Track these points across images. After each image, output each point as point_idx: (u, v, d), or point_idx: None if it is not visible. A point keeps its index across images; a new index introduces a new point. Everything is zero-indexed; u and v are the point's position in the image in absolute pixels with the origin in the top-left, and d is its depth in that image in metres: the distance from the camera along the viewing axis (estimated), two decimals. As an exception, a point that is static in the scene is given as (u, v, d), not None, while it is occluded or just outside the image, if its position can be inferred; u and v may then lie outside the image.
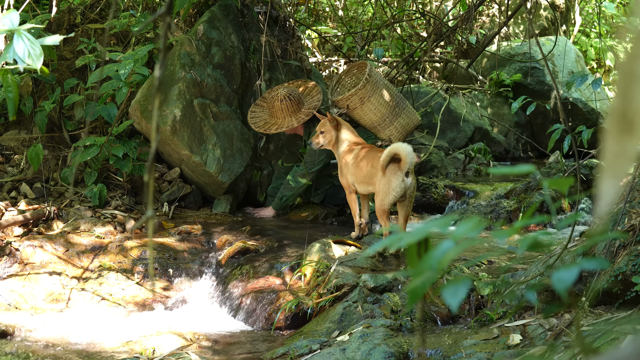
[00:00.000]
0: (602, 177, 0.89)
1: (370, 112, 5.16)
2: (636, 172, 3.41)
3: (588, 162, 5.70)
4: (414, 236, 1.08)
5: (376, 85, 5.16)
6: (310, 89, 5.46)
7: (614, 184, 0.87)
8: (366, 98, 5.11)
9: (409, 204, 4.39)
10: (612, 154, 0.87)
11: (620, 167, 0.87)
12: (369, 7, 9.52)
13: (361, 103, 5.12)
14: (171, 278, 4.66)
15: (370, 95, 5.12)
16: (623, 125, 0.87)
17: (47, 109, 5.40)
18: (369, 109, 5.15)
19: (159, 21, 5.80)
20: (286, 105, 5.25)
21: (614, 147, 0.87)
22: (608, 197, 0.88)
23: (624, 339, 2.58)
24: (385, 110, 5.18)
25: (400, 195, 4.29)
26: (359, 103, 5.12)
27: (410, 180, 4.29)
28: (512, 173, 1.65)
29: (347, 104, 5.13)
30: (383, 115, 5.18)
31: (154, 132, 1.25)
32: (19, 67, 2.52)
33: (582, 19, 10.99)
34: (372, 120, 5.19)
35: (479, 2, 6.81)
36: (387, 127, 5.22)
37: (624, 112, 0.86)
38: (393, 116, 5.22)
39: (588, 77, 4.19)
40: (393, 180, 4.25)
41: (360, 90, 5.09)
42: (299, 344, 3.47)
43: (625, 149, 0.86)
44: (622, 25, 11.01)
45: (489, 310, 3.61)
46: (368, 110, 5.15)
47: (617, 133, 0.87)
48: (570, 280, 1.07)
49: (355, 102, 5.12)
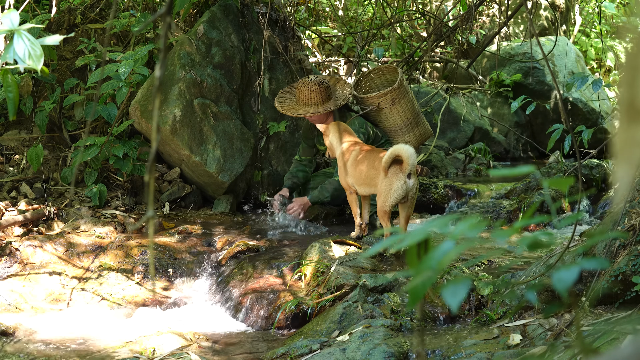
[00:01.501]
0: (615, 164, 0.92)
1: (397, 115, 5.17)
2: (636, 172, 3.41)
3: (588, 162, 5.70)
4: (414, 237, 1.08)
5: (406, 90, 5.21)
6: (342, 84, 5.37)
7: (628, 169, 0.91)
8: (397, 100, 5.13)
9: (411, 205, 4.39)
10: (622, 142, 0.90)
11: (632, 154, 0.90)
12: (369, 7, 9.52)
13: (392, 104, 5.13)
14: (171, 278, 4.66)
15: (401, 98, 5.15)
16: (632, 115, 0.90)
17: (47, 109, 5.40)
18: (397, 111, 5.16)
19: (159, 21, 5.80)
20: (316, 91, 5.07)
21: (624, 135, 0.90)
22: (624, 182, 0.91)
23: (624, 339, 2.58)
24: (410, 115, 5.20)
25: (402, 197, 4.29)
26: (389, 103, 5.13)
27: (412, 182, 4.28)
28: (512, 175, 1.64)
29: (378, 102, 5.13)
30: (407, 120, 5.19)
31: (155, 132, 1.25)
32: (19, 67, 2.52)
33: (582, 19, 10.99)
34: (397, 123, 5.19)
35: (479, 2, 6.81)
36: (407, 133, 5.22)
37: (631, 102, 0.89)
38: (415, 123, 5.24)
39: (588, 78, 4.19)
40: (395, 182, 4.25)
41: (395, 91, 5.11)
42: (299, 344, 3.47)
43: (635, 136, 0.89)
44: (622, 25, 11.01)
45: (489, 310, 3.61)
46: (396, 112, 5.16)
47: (627, 122, 0.90)
48: (571, 280, 1.07)
49: (387, 101, 5.13)
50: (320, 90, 5.06)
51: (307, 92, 5.07)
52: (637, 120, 0.89)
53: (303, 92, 5.09)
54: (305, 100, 5.09)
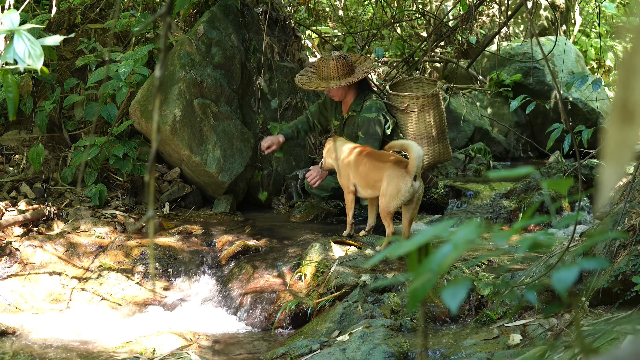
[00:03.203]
0: (604, 164, 0.92)
1: (422, 123, 5.16)
2: (636, 172, 3.41)
3: (588, 162, 5.70)
4: (414, 243, 1.08)
5: (439, 104, 5.21)
6: (363, 59, 5.36)
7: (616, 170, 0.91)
8: (427, 108, 5.13)
9: (416, 207, 4.40)
10: (614, 143, 0.91)
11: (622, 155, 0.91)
12: (369, 7, 9.52)
13: (420, 110, 5.12)
14: (171, 278, 4.66)
15: (431, 108, 5.15)
16: (624, 116, 0.91)
17: (47, 109, 5.40)
18: (424, 119, 5.15)
19: (159, 21, 5.80)
20: (340, 65, 5.05)
21: (616, 136, 0.91)
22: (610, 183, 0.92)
23: (624, 339, 2.58)
24: (434, 130, 5.20)
25: (408, 200, 4.29)
26: (418, 108, 5.13)
27: (418, 184, 4.29)
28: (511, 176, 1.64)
29: (408, 103, 5.13)
30: (430, 133, 5.18)
31: (155, 132, 1.25)
32: (19, 67, 2.52)
33: (582, 19, 10.99)
34: (420, 132, 5.17)
35: (479, 2, 6.81)
36: (426, 145, 5.19)
37: (625, 103, 0.90)
38: (438, 140, 5.23)
39: (588, 78, 4.19)
40: (402, 185, 4.26)
41: (428, 98, 5.12)
42: (299, 344, 3.47)
43: (627, 137, 0.90)
44: (622, 25, 11.01)
45: (489, 310, 3.61)
46: (421, 120, 5.15)
47: (619, 123, 0.91)
48: (571, 280, 1.07)
49: (417, 106, 5.13)
50: (343, 64, 5.07)
51: (328, 66, 5.07)
52: (629, 122, 0.90)
53: (324, 66, 5.09)
54: (327, 74, 5.09)
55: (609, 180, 0.92)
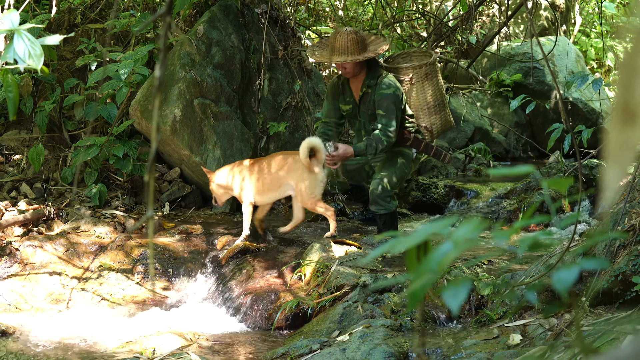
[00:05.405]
0: (606, 165, 0.92)
1: (428, 92, 5.19)
2: (636, 172, 3.41)
3: (588, 162, 5.70)
4: (413, 240, 1.07)
5: (437, 72, 5.28)
6: (375, 38, 5.25)
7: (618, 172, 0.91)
8: (430, 76, 5.18)
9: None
10: (615, 144, 0.91)
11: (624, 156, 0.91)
12: (369, 7, 9.52)
13: (424, 79, 5.17)
14: (171, 278, 4.66)
15: (433, 76, 5.20)
16: (626, 117, 0.91)
17: (47, 109, 5.40)
18: (428, 87, 5.19)
19: (159, 21, 5.80)
20: (354, 40, 4.90)
21: (617, 137, 0.91)
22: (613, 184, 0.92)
23: (624, 339, 2.58)
24: (439, 96, 5.25)
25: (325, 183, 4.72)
26: (422, 78, 5.17)
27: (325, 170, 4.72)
28: (511, 174, 1.65)
29: (412, 74, 5.16)
30: (436, 100, 5.23)
31: (155, 132, 1.25)
32: (19, 67, 2.52)
33: (582, 19, 10.99)
34: (427, 101, 5.20)
35: (479, 2, 6.81)
36: (434, 114, 5.24)
37: (626, 104, 0.90)
38: (442, 107, 5.28)
39: (588, 78, 4.19)
40: (319, 172, 4.65)
41: (430, 65, 5.17)
42: (299, 344, 3.47)
43: (628, 138, 0.91)
44: (622, 25, 11.01)
45: (489, 310, 3.61)
46: (427, 88, 5.19)
47: (620, 124, 0.91)
48: (571, 280, 1.07)
49: (420, 75, 5.17)
50: (358, 39, 4.93)
51: (344, 40, 4.91)
52: (631, 123, 0.90)
53: (340, 41, 4.92)
54: (343, 49, 4.91)
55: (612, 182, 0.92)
